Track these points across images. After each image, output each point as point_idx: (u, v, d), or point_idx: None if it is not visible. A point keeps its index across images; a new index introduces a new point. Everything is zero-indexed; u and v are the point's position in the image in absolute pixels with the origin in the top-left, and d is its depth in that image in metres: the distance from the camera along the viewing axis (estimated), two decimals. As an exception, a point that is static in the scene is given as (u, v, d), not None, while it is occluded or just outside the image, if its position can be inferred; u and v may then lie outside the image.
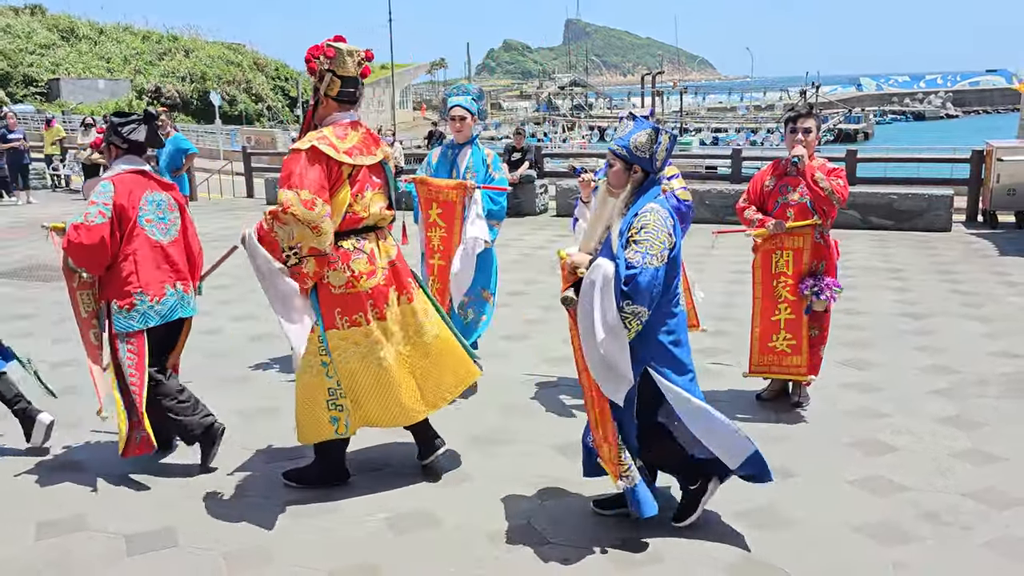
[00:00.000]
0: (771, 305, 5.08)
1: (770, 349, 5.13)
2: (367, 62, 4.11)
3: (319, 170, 3.85)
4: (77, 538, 3.79)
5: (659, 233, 3.36)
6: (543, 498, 4.11)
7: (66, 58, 46.65)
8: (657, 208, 3.43)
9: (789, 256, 5.01)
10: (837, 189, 4.82)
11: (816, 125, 4.96)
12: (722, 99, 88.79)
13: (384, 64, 60.85)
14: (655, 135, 3.45)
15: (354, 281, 4.01)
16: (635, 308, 3.32)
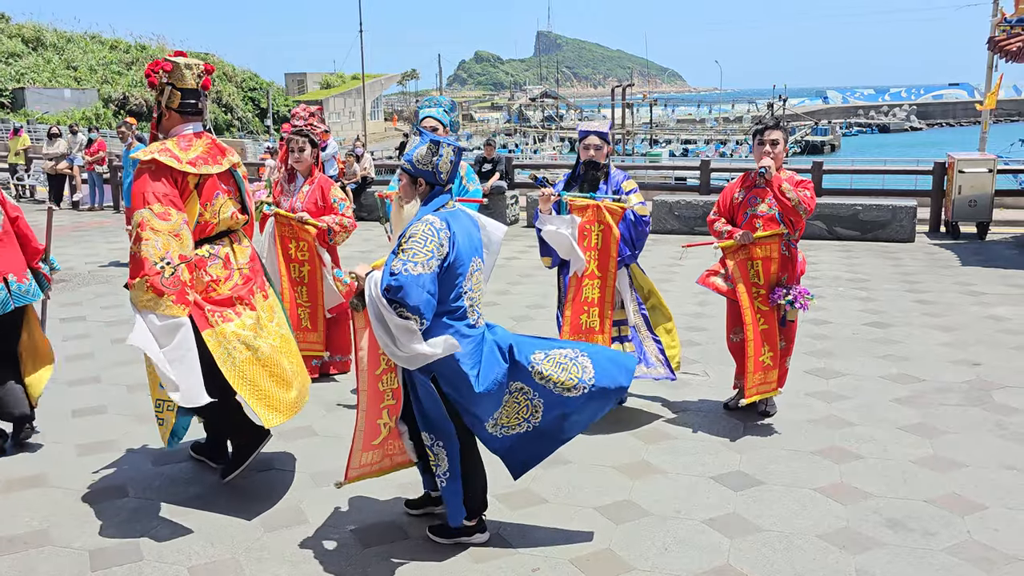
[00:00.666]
0: (755, 319, 5.08)
1: (761, 364, 5.06)
2: (207, 75, 4.30)
3: (165, 181, 4.01)
4: (40, 554, 3.73)
5: (426, 242, 3.40)
6: (511, 508, 4.11)
7: (32, 67, 46.00)
8: (432, 220, 3.48)
9: (759, 266, 5.05)
10: (804, 200, 4.89)
11: (783, 138, 5.05)
12: (691, 111, 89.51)
13: (355, 74, 60.77)
14: (436, 148, 3.58)
15: (214, 285, 4.16)
16: (405, 313, 3.35)
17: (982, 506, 4.07)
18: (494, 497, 4.19)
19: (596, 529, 3.90)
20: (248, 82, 55.64)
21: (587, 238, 5.05)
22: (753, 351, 5.04)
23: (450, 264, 3.47)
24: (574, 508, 4.11)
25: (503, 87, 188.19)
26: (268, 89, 55.39)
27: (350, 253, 11.53)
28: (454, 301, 3.51)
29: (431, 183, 3.59)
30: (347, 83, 63.31)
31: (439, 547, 3.76)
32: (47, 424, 5.20)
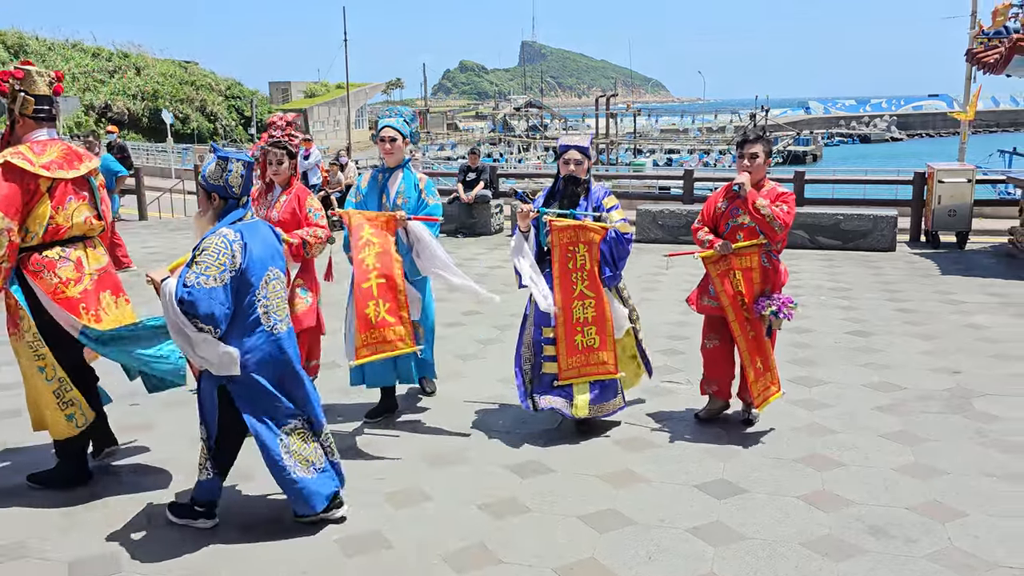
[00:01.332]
0: (744, 328, 5.04)
1: (759, 372, 5.07)
2: (58, 82, 4.44)
3: (12, 185, 4.10)
4: (18, 566, 3.68)
5: (218, 256, 3.59)
6: (496, 518, 4.11)
7: (12, 74, 45.55)
8: (225, 232, 3.67)
9: (739, 276, 5.01)
10: (778, 215, 4.86)
11: (764, 151, 5.03)
12: (675, 121, 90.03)
13: (340, 83, 60.73)
14: (225, 164, 3.78)
15: (62, 287, 4.23)
16: (200, 324, 3.56)
17: (963, 513, 4.10)
18: (475, 506, 4.18)
19: (579, 538, 3.90)
20: (231, 90, 55.49)
21: (572, 259, 4.94)
22: (748, 360, 5.03)
23: (243, 273, 3.66)
24: (557, 517, 4.10)
25: (488, 96, 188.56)
26: (252, 98, 55.24)
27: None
28: (248, 308, 3.71)
29: (224, 197, 3.79)
30: (331, 92, 63.24)
31: (423, 557, 3.75)
32: (24, 434, 5.14)
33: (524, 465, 4.65)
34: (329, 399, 5.61)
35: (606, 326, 5.02)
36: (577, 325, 4.99)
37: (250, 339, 3.72)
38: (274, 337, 3.80)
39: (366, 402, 5.67)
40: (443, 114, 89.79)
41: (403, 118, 5.39)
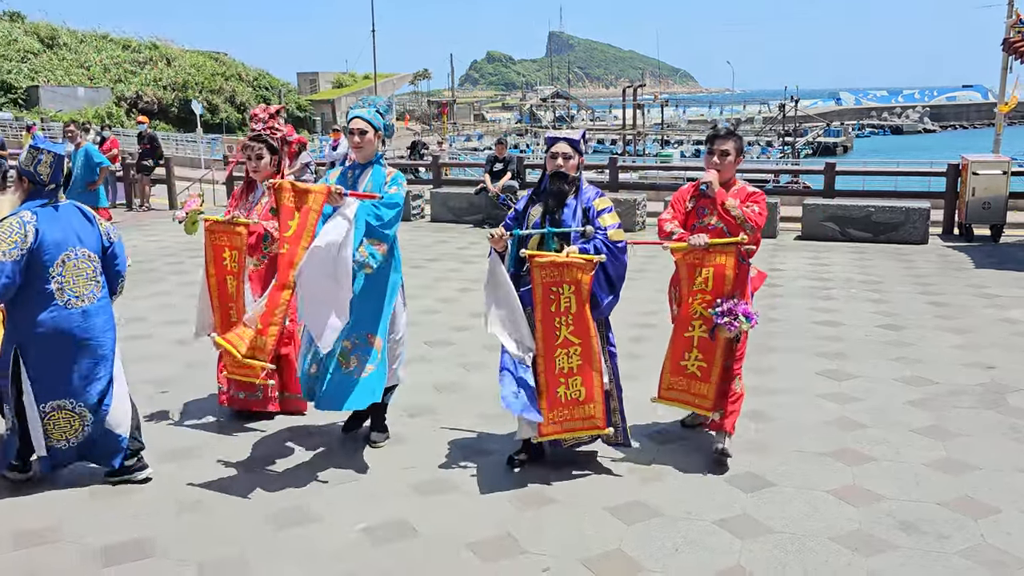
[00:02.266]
0: (687, 319, 4.62)
1: (681, 369, 4.65)
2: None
3: None
4: (53, 549, 3.75)
5: (11, 234, 3.98)
6: (521, 508, 4.11)
7: (46, 65, 46.27)
8: (23, 214, 4.06)
9: (710, 273, 4.50)
10: (750, 217, 4.46)
11: (736, 147, 4.63)
12: (703, 112, 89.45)
13: (367, 74, 60.88)
14: (36, 154, 4.15)
15: None
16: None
17: (996, 509, 4.04)
18: (503, 496, 4.19)
19: (606, 529, 3.90)
20: (260, 80, 55.83)
21: (555, 301, 4.25)
22: (672, 352, 4.68)
23: (33, 252, 4.02)
24: (584, 509, 4.10)
25: (515, 87, 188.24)
26: (280, 89, 55.56)
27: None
28: (41, 284, 4.08)
29: (32, 183, 4.16)
30: (359, 82, 63.41)
31: (448, 546, 3.76)
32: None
33: (551, 457, 4.65)
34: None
35: (593, 377, 4.35)
36: (560, 376, 4.33)
37: (43, 313, 4.10)
38: (68, 312, 4.15)
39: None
40: (470, 105, 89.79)
41: (376, 109, 4.81)
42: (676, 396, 4.73)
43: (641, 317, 7.67)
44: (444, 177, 17.60)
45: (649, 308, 7.91)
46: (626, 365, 6.26)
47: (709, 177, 4.58)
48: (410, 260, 10.81)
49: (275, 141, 5.22)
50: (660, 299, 5.65)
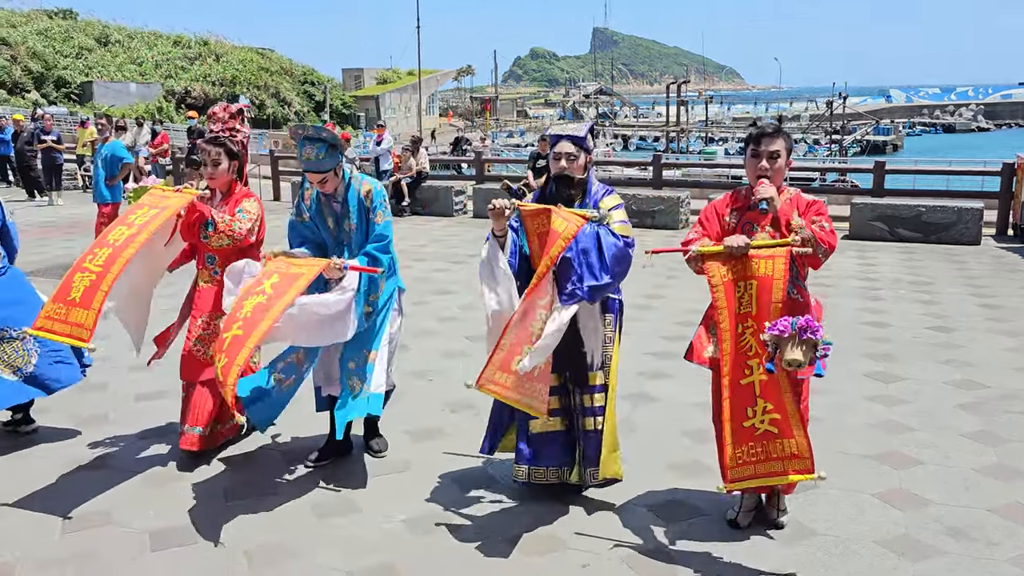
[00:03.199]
0: (740, 361, 3.47)
1: (748, 432, 3.45)
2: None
3: None
4: (102, 533, 3.84)
5: None
6: (563, 503, 4.11)
7: (99, 62, 47.32)
8: None
9: (753, 288, 3.46)
10: (822, 237, 3.46)
11: (787, 147, 3.67)
12: (749, 109, 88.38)
13: (411, 70, 61.17)
14: None
15: None
16: None
17: (1049, 517, 3.94)
18: (543, 491, 4.18)
19: (648, 528, 3.88)
20: (306, 76, 56.47)
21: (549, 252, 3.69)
22: (731, 413, 3.46)
23: None
24: (627, 506, 4.08)
25: (558, 84, 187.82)
26: (325, 84, 56.11)
27: (407, 247, 11.62)
28: None
29: None
30: (403, 79, 63.79)
31: (489, 538, 3.77)
32: (112, 408, 5.36)
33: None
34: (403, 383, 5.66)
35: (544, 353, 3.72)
36: (530, 340, 3.69)
37: None
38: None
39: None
40: (513, 101, 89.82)
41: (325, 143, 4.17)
42: (754, 473, 3.46)
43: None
44: (487, 173, 17.63)
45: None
46: (661, 363, 6.23)
47: (767, 192, 3.54)
48: (452, 255, 10.87)
49: (235, 145, 4.64)
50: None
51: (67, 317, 3.93)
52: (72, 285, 3.98)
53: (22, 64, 42.93)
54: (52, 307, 3.97)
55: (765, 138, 3.64)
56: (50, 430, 5.02)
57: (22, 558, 3.62)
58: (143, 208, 4.27)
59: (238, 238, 4.45)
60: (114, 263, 4.00)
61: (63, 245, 11.71)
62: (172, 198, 4.37)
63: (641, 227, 13.01)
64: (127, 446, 4.82)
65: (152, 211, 4.27)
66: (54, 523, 3.92)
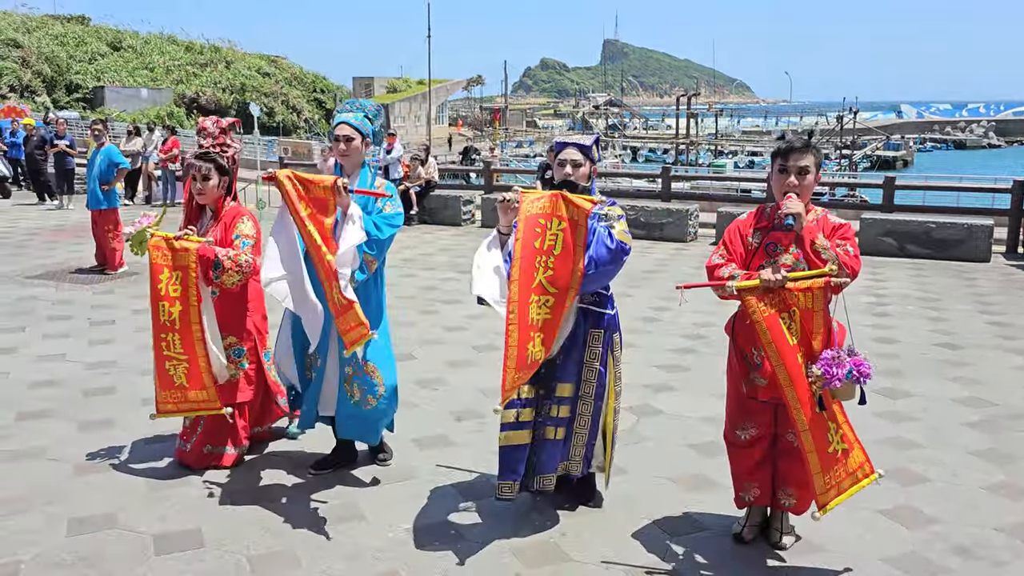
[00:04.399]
0: (807, 393, 3.40)
1: (832, 459, 3.47)
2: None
3: None
4: (107, 536, 3.84)
5: None
6: (568, 515, 4.10)
7: (111, 67, 47.63)
8: None
9: (796, 317, 3.42)
10: (846, 262, 3.39)
11: (816, 163, 3.52)
12: (758, 122, 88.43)
13: (421, 79, 61.42)
14: None
15: None
16: None
17: (1057, 537, 3.91)
18: (549, 503, 4.17)
19: (651, 540, 3.86)
20: (316, 84, 56.70)
21: (541, 236, 3.63)
22: (814, 444, 3.41)
23: None
24: (632, 519, 4.07)
25: (568, 94, 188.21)
26: (336, 93, 56.32)
27: (435, 256, 11.64)
28: None
29: None
30: (413, 88, 64.01)
31: (493, 549, 3.76)
32: (118, 412, 5.37)
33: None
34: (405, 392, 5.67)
35: (553, 340, 3.74)
36: (532, 329, 3.59)
37: None
38: None
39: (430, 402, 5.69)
40: (522, 111, 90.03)
41: (365, 113, 4.42)
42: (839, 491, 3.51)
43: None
44: (495, 183, 17.66)
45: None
46: (668, 376, 6.22)
47: (795, 207, 3.40)
48: (459, 265, 10.88)
49: (225, 160, 4.57)
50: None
51: (186, 398, 4.33)
52: (171, 374, 4.30)
53: (33, 68, 43.22)
54: (166, 395, 4.34)
55: (794, 153, 3.50)
56: (57, 434, 5.03)
57: (28, 559, 3.63)
58: (164, 273, 4.29)
59: (247, 271, 4.36)
60: (194, 347, 4.27)
61: (72, 249, 11.77)
62: (180, 256, 4.30)
63: (649, 239, 13.03)
64: (133, 450, 4.83)
65: (176, 273, 4.29)
66: (60, 525, 3.93)
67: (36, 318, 7.49)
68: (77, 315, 7.98)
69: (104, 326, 7.52)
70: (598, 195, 3.91)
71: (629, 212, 13.50)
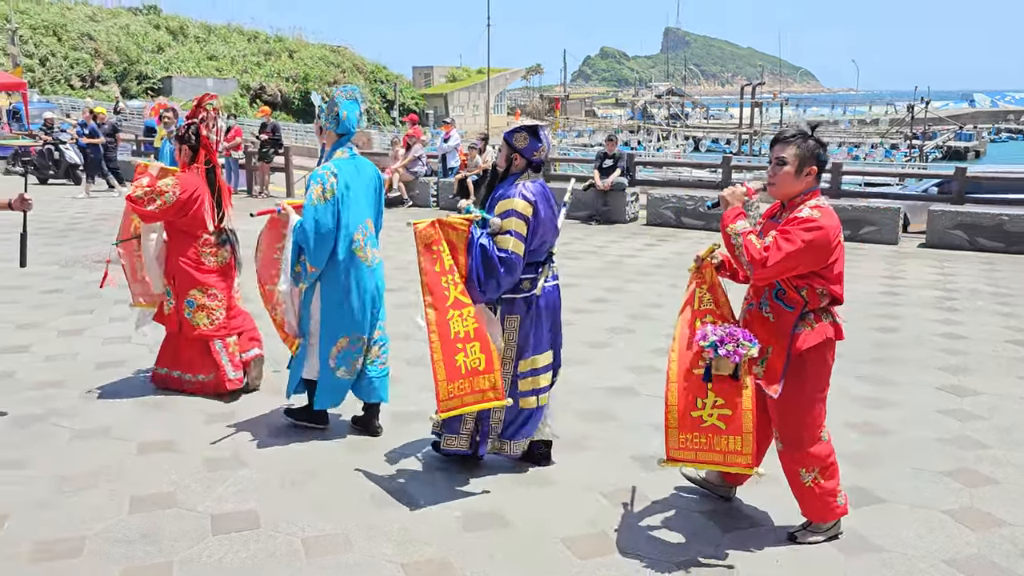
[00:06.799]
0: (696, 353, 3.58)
1: (695, 422, 3.54)
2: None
3: None
4: (167, 514, 3.94)
5: None
6: (619, 507, 4.06)
7: (178, 57, 48.79)
8: None
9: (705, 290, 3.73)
10: (749, 250, 3.43)
11: (798, 156, 3.51)
12: (824, 112, 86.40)
13: (480, 69, 61.53)
14: None
15: None
16: None
17: None
18: (599, 493, 4.15)
19: (704, 534, 3.81)
20: (377, 74, 57.26)
21: (439, 260, 4.02)
22: (677, 399, 3.56)
23: None
24: (683, 512, 4.02)
25: (628, 84, 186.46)
26: (396, 82, 56.76)
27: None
28: None
29: None
30: (472, 77, 64.22)
31: (544, 539, 3.75)
32: (182, 394, 5.50)
33: (648, 457, 4.57)
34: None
35: (489, 343, 4.05)
36: (457, 341, 3.96)
37: None
38: None
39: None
40: (581, 101, 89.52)
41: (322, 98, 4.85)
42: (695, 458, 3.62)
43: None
44: (552, 172, 17.60)
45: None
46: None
47: (725, 192, 3.63)
48: (516, 253, 10.85)
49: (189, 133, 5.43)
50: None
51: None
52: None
53: (105, 58, 44.46)
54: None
55: (777, 144, 3.59)
56: (121, 414, 5.18)
57: (92, 534, 3.74)
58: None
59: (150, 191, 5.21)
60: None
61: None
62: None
63: (708, 230, 12.83)
64: (193, 430, 4.94)
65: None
66: (123, 502, 4.04)
67: (104, 301, 7.70)
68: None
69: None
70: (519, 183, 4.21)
71: (687, 203, 13.33)
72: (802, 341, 3.52)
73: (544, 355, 4.37)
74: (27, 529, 3.79)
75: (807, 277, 3.48)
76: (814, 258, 3.43)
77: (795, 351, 3.51)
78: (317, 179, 4.59)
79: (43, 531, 3.77)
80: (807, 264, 3.43)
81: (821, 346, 3.54)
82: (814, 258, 3.43)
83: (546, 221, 4.23)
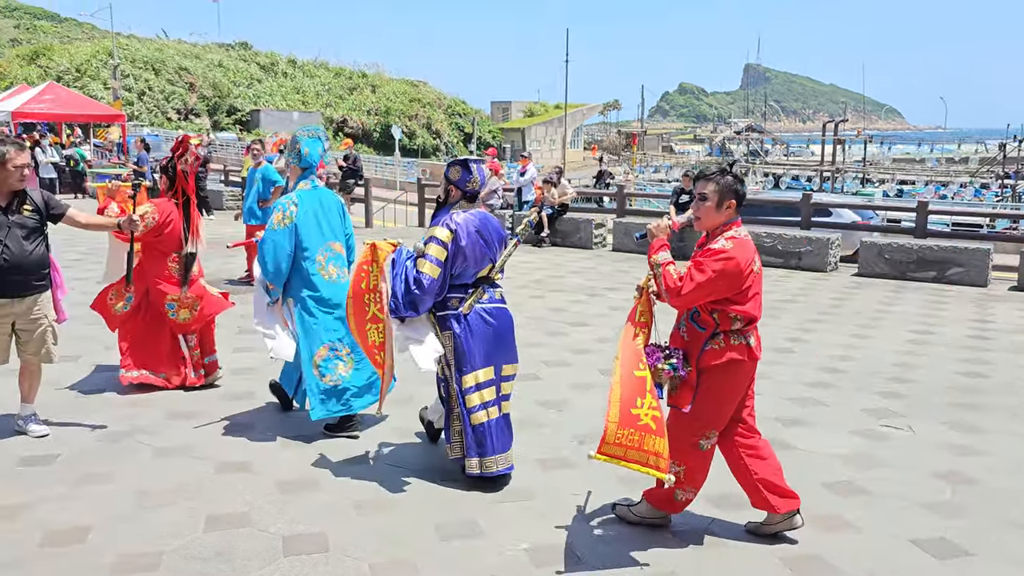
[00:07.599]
0: (636, 356, 3.81)
1: (633, 419, 3.67)
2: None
3: None
4: (240, 533, 4.02)
5: None
6: (687, 545, 3.98)
7: (266, 91, 50.61)
8: None
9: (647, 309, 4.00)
10: (667, 280, 3.82)
11: (718, 192, 3.82)
12: (910, 150, 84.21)
13: (558, 104, 61.99)
14: None
15: None
16: None
17: None
18: (671, 534, 4.06)
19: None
20: (455, 108, 58.26)
21: (365, 279, 4.55)
22: (620, 394, 3.69)
23: None
24: (757, 556, 3.91)
25: (706, 120, 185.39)
26: (474, 116, 57.63)
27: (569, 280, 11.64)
28: None
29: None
30: (550, 112, 64.72)
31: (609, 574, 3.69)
32: (256, 417, 5.64)
33: (725, 497, 4.46)
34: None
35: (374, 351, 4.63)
36: (373, 348, 4.63)
37: None
38: None
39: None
40: (659, 136, 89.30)
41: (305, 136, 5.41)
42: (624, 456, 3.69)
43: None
44: (628, 207, 17.56)
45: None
46: (801, 410, 5.95)
47: (652, 223, 4.10)
48: (589, 288, 10.85)
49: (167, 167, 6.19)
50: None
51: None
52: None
53: (199, 92, 46.42)
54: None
55: (700, 181, 3.95)
56: (201, 434, 5.33)
57: (169, 550, 3.85)
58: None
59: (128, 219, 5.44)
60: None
61: (226, 259, 12.37)
62: None
63: (786, 267, 12.60)
64: (270, 452, 5.05)
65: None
66: (199, 520, 4.14)
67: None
68: (225, 323, 8.42)
69: (246, 335, 7.92)
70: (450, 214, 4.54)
71: (765, 240, 13.10)
72: (705, 359, 3.83)
73: (485, 370, 4.57)
74: (109, 541, 3.92)
75: (720, 302, 3.78)
76: (727, 285, 3.74)
77: (700, 366, 3.83)
78: (279, 207, 5.17)
79: (124, 544, 3.89)
80: (720, 291, 3.74)
81: (724, 365, 3.81)
82: (727, 285, 3.74)
83: (470, 248, 4.46)
